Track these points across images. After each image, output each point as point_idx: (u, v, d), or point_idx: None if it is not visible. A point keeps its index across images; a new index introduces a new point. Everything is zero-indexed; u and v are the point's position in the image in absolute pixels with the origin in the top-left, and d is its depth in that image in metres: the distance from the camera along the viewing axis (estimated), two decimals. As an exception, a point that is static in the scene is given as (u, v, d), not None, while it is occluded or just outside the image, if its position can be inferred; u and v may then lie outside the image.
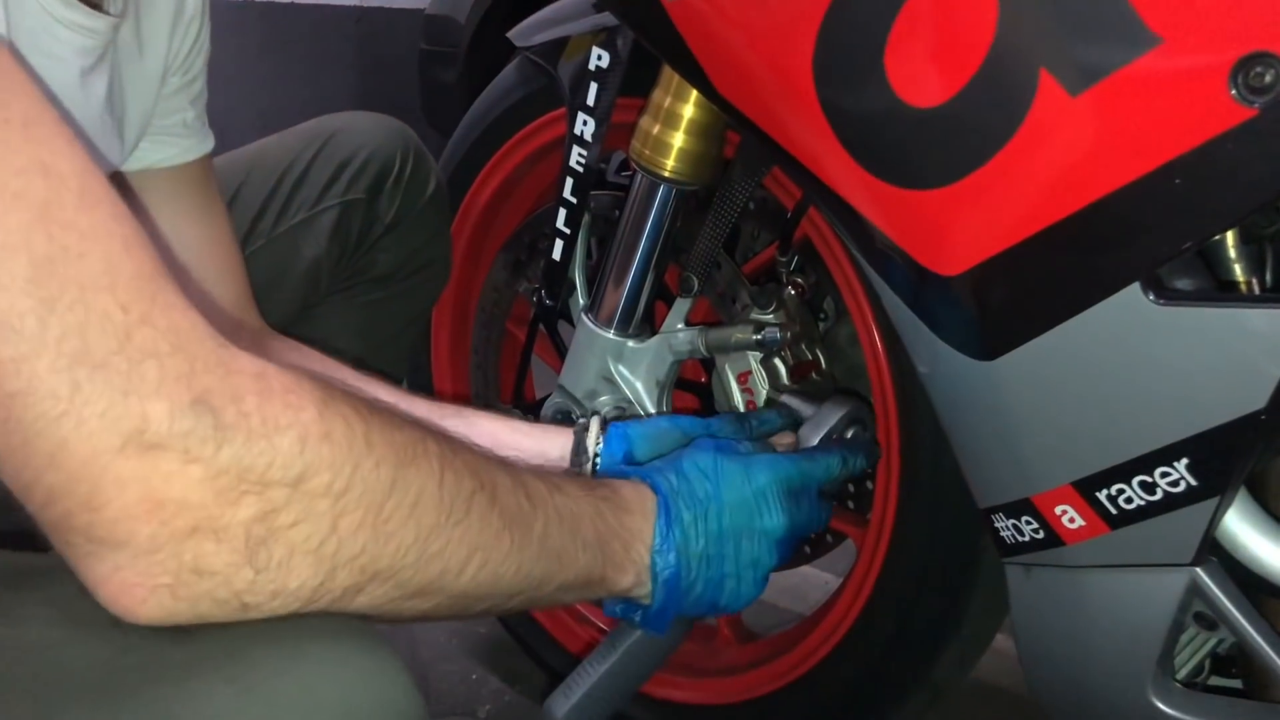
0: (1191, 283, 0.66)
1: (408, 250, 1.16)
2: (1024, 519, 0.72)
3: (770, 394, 0.99)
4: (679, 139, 0.93)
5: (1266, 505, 0.67)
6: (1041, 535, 0.71)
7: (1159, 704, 0.70)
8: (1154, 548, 0.66)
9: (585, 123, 1.01)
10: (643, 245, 0.99)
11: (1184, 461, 0.62)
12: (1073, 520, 0.69)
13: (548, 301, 1.12)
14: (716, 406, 1.06)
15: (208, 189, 0.96)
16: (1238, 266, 0.67)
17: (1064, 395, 0.66)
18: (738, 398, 1.02)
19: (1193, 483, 0.63)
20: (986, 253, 0.65)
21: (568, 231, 1.06)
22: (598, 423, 0.88)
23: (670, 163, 0.94)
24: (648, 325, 1.04)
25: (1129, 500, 0.65)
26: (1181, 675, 0.73)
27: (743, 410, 0.99)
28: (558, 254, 1.08)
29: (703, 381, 1.15)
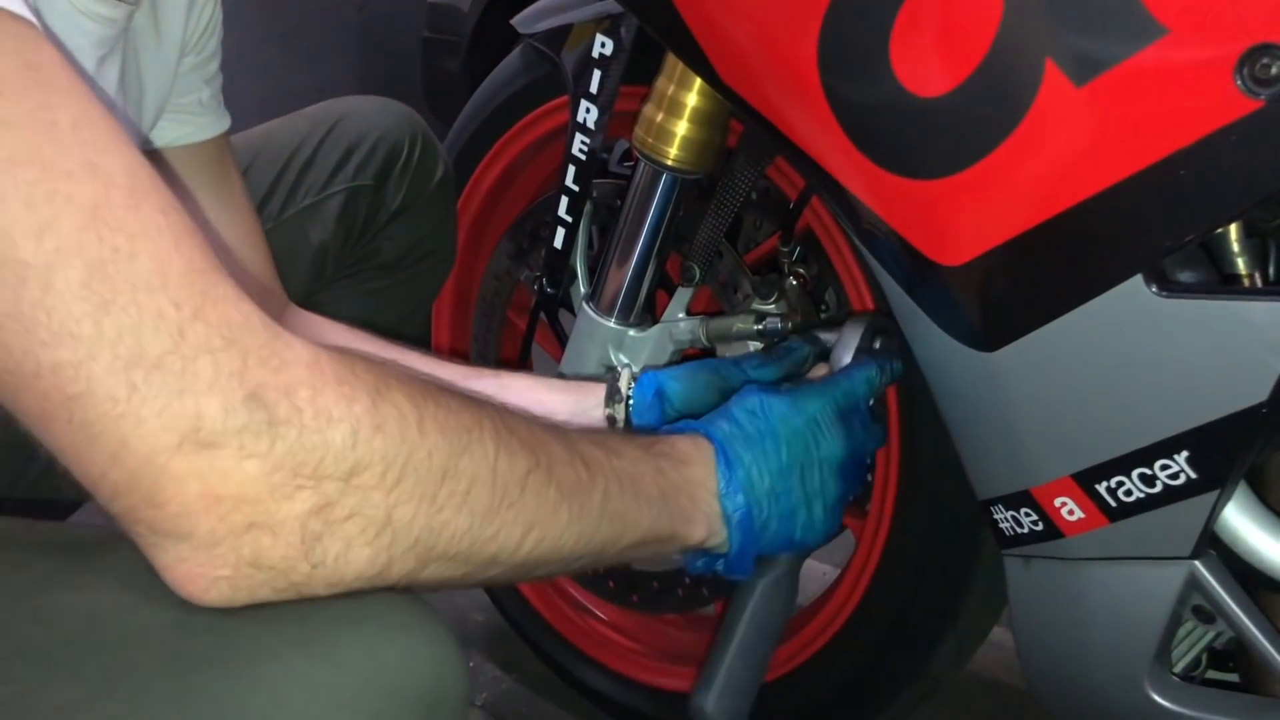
0: (1194, 275, 0.66)
1: (414, 237, 1.15)
2: (1023, 511, 0.72)
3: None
4: (682, 127, 0.93)
5: (1266, 499, 0.67)
6: (1041, 527, 0.71)
7: (1156, 697, 0.70)
8: (1153, 541, 0.66)
9: (588, 110, 1.01)
10: (645, 234, 0.98)
11: (1184, 454, 0.62)
12: (1072, 512, 0.69)
13: (549, 289, 1.12)
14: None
15: (226, 166, 0.96)
16: (1240, 260, 0.66)
17: (1065, 387, 0.66)
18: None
19: (1193, 476, 0.63)
20: (989, 243, 0.65)
21: (569, 219, 1.06)
22: (629, 371, 0.88)
23: (673, 151, 0.93)
24: (649, 314, 1.04)
25: (1128, 493, 0.65)
26: (1178, 669, 0.73)
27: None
28: (559, 242, 1.07)
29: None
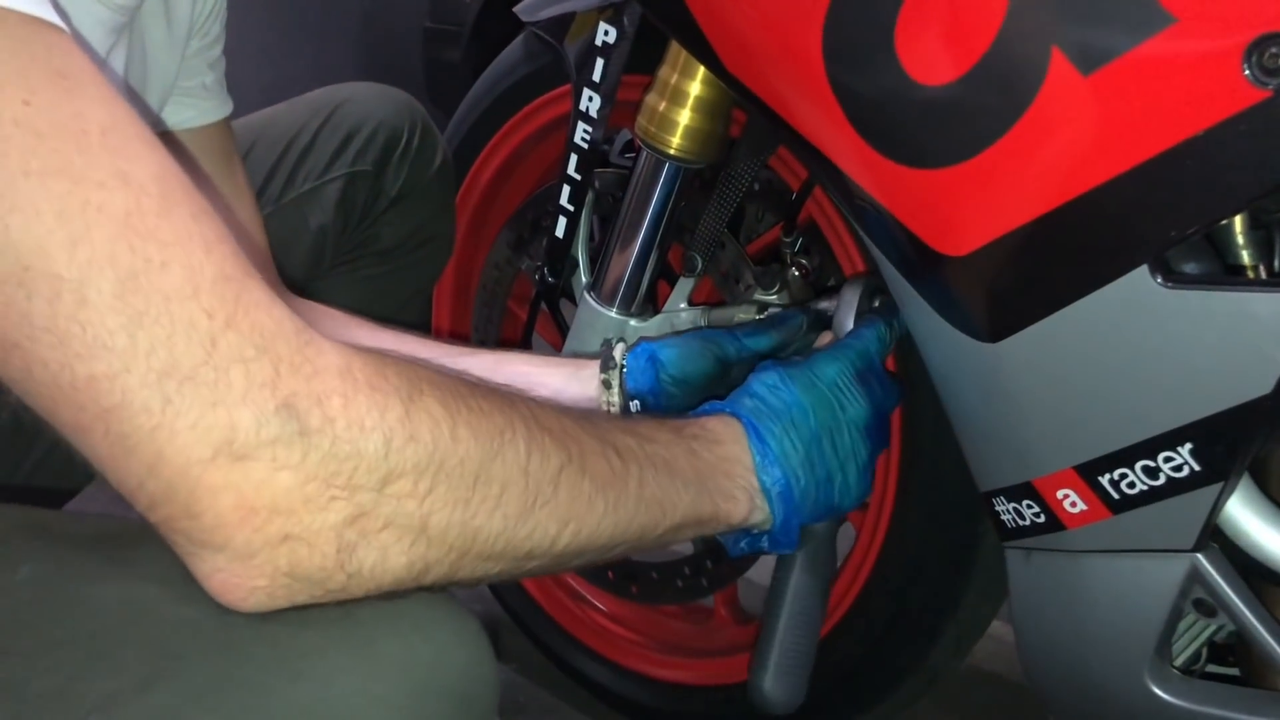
0: (1199, 267, 0.65)
1: (412, 224, 1.15)
2: (1025, 503, 0.71)
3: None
4: (685, 116, 0.92)
5: (1269, 491, 0.67)
6: (1042, 519, 0.71)
7: (1156, 690, 0.70)
8: (1155, 533, 0.66)
9: (591, 99, 1.01)
10: (646, 223, 0.98)
11: (1188, 446, 0.62)
12: (1074, 504, 0.69)
13: (550, 279, 1.12)
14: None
15: (227, 152, 0.96)
16: (1245, 252, 0.66)
17: (1068, 378, 0.65)
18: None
19: (1196, 468, 0.62)
20: (993, 233, 0.65)
21: (571, 208, 1.06)
22: (623, 343, 0.88)
23: (676, 140, 0.93)
24: (650, 304, 1.03)
25: (1131, 485, 0.65)
26: (1179, 662, 0.73)
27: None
28: (561, 231, 1.07)
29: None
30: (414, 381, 0.52)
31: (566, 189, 1.05)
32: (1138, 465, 0.64)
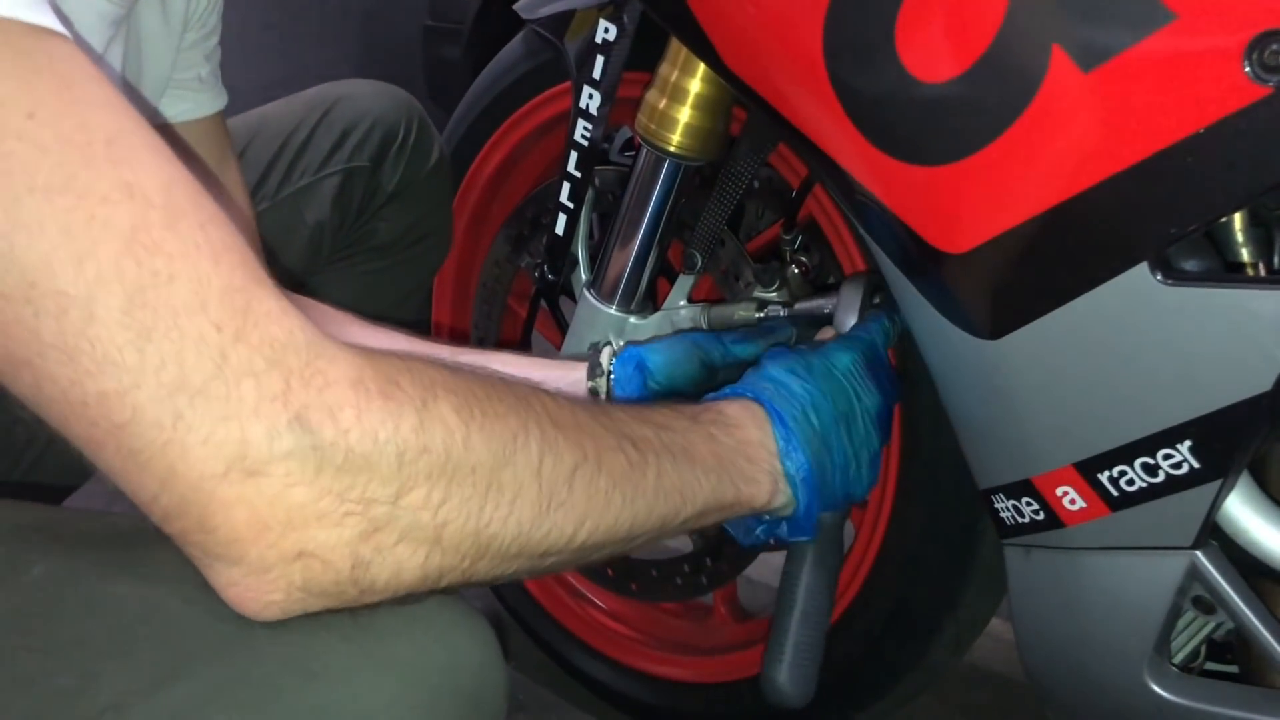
0: (1199, 264, 0.65)
1: (409, 220, 1.15)
2: (1024, 500, 0.71)
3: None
4: (685, 114, 0.92)
5: (1268, 489, 0.67)
6: (1041, 516, 0.71)
7: (1155, 687, 0.70)
8: (1154, 530, 0.66)
9: (591, 96, 1.01)
10: (646, 221, 0.98)
11: (1187, 444, 0.62)
12: (1074, 501, 0.69)
13: (550, 276, 1.12)
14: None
15: (221, 145, 0.96)
16: (1245, 249, 0.66)
17: (1068, 375, 0.65)
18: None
19: (1195, 465, 0.62)
20: (993, 230, 0.65)
21: (571, 206, 1.06)
22: (610, 347, 0.88)
23: (676, 137, 0.93)
24: (650, 301, 1.03)
25: (1130, 482, 0.65)
26: (1177, 660, 0.73)
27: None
28: (560, 228, 1.07)
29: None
30: (428, 387, 0.51)
31: (566, 186, 1.05)
32: (1137, 462, 0.64)
